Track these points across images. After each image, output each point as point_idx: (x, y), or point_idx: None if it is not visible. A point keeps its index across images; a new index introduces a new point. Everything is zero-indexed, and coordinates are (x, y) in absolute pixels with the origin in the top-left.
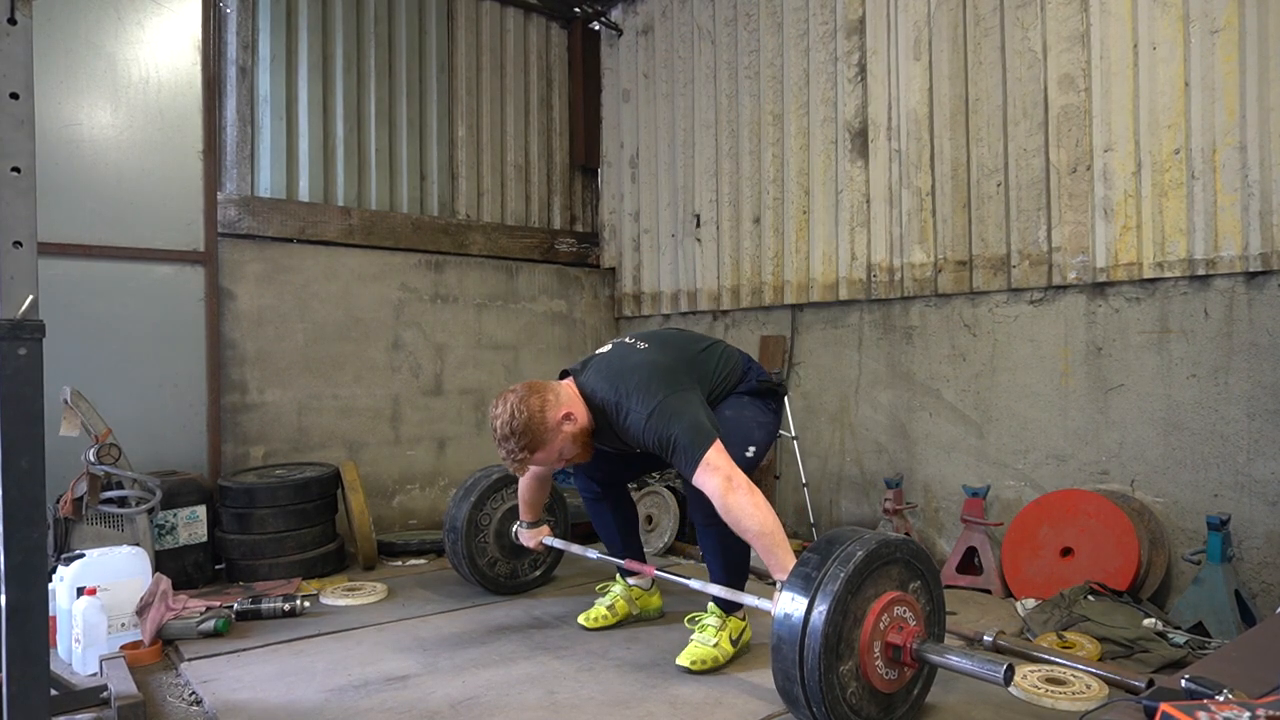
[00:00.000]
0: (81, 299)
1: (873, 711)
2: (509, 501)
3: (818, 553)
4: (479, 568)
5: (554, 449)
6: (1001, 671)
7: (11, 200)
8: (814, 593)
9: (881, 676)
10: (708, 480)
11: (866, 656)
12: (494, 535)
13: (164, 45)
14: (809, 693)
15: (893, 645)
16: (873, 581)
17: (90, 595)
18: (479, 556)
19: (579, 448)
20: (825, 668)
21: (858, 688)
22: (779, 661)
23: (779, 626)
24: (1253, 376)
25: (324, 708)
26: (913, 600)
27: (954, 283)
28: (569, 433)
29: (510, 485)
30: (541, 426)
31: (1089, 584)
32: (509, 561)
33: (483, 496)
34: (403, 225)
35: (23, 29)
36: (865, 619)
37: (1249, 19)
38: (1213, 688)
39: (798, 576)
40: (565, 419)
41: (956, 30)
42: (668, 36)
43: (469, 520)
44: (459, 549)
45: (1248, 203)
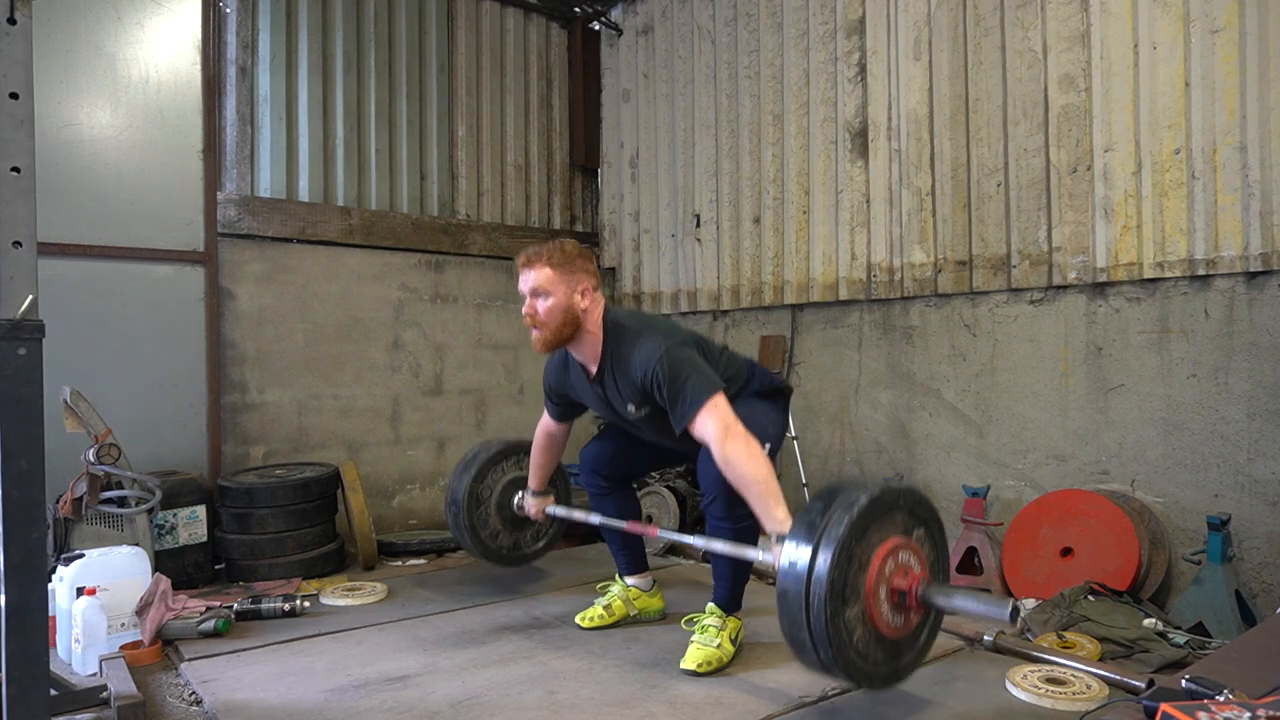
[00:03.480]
0: (81, 299)
1: (879, 657)
2: (509, 474)
3: (821, 500)
4: (481, 540)
5: (561, 290)
6: (1007, 610)
7: (11, 200)
8: (818, 539)
9: (888, 622)
10: (708, 425)
11: (872, 602)
12: (495, 507)
13: (164, 45)
14: (815, 637)
15: (898, 590)
16: (877, 528)
17: (90, 595)
18: (481, 529)
19: (556, 324)
20: (831, 612)
21: (864, 633)
22: (785, 608)
23: (784, 574)
24: (1253, 376)
25: (324, 708)
26: (917, 547)
27: (954, 283)
28: (578, 301)
29: (510, 459)
30: (573, 263)
31: (1089, 584)
32: (511, 534)
33: (483, 469)
34: (403, 225)
35: (23, 29)
36: (870, 564)
37: (1249, 19)
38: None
39: (801, 524)
40: (585, 292)
41: (956, 30)
42: (668, 36)
43: (470, 493)
44: (461, 521)
45: (1248, 203)
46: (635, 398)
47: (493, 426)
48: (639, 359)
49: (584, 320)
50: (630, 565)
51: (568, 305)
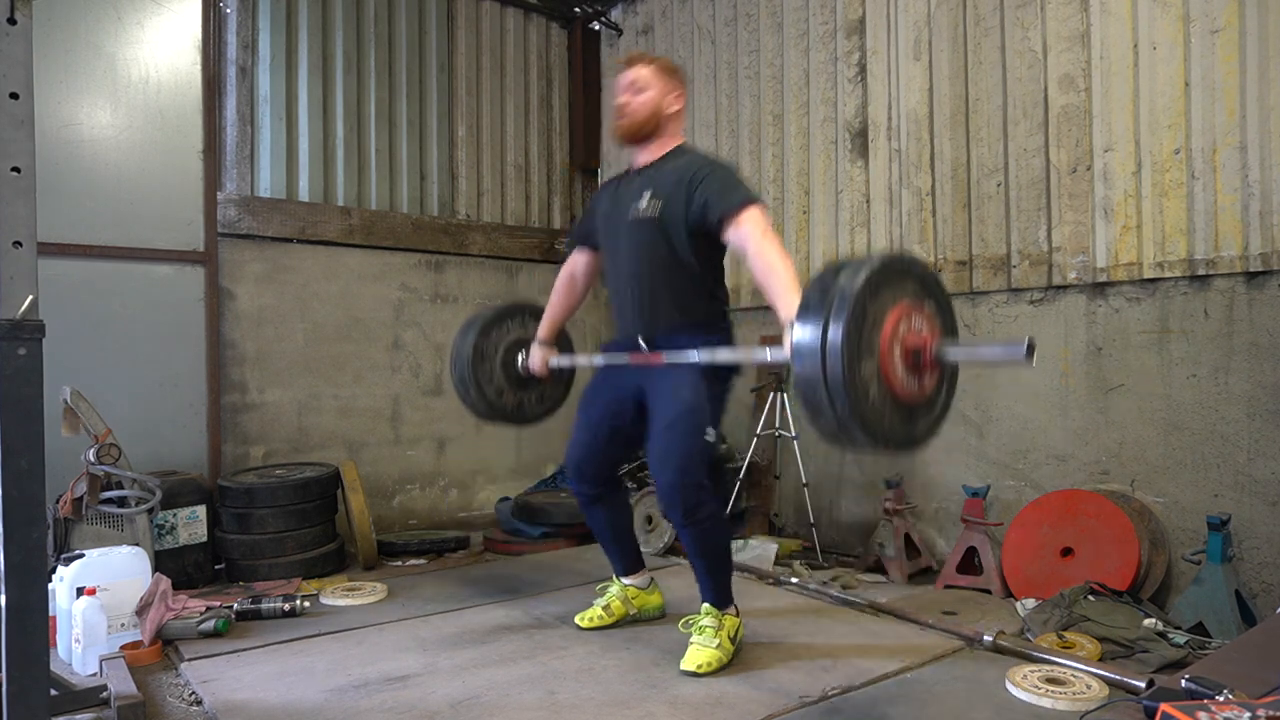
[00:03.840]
0: (81, 299)
1: (895, 420)
2: (514, 333)
3: (832, 268)
4: (486, 396)
5: (658, 88)
6: (1023, 347)
7: (11, 200)
8: (833, 296)
9: (902, 384)
10: (753, 219)
11: (887, 360)
12: (500, 365)
13: (164, 45)
14: (831, 390)
15: (913, 348)
16: (890, 289)
17: (90, 595)
18: (486, 384)
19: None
20: (847, 360)
21: (879, 392)
22: (801, 367)
23: (799, 338)
24: (1253, 376)
25: (324, 708)
26: (930, 315)
27: (954, 283)
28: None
29: (515, 318)
30: (673, 74)
31: (1089, 584)
32: (516, 393)
33: (488, 325)
34: (403, 225)
35: (23, 29)
36: (884, 322)
37: (1249, 19)
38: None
39: (815, 286)
40: (677, 99)
41: (956, 30)
42: (668, 36)
43: (475, 348)
44: (466, 376)
45: (1248, 203)
46: (661, 189)
47: (492, 427)
48: (701, 161)
49: (664, 124)
50: (625, 566)
51: (658, 103)
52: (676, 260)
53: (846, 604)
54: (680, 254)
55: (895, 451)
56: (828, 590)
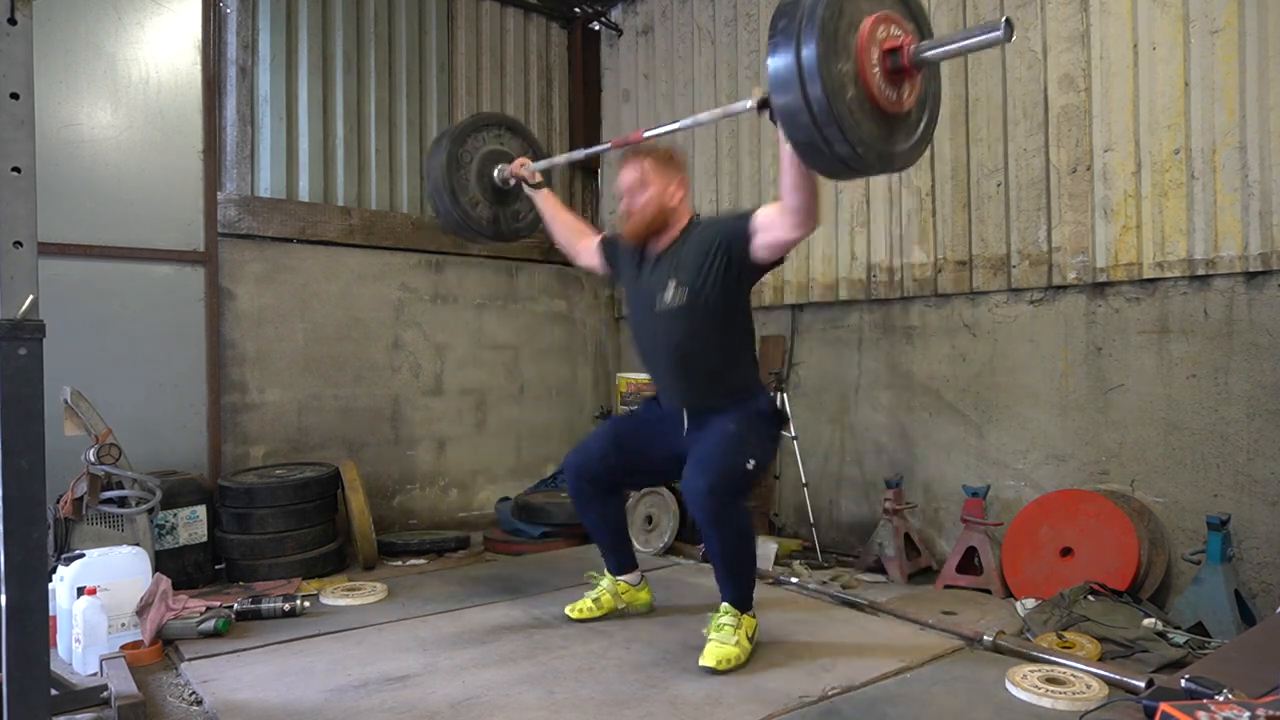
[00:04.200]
0: (82, 299)
1: (873, 129)
2: (489, 144)
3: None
4: (461, 205)
5: (658, 183)
6: (1000, 28)
7: (11, 200)
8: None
9: (881, 90)
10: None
11: (864, 59)
12: (475, 175)
13: (164, 45)
14: (806, 86)
15: (890, 49)
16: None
17: (90, 595)
18: (461, 193)
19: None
20: (822, 53)
21: (856, 95)
22: (775, 78)
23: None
24: (1253, 376)
25: (324, 708)
26: (909, 28)
27: (954, 283)
28: (671, 195)
29: (491, 129)
30: (670, 164)
31: (1089, 584)
32: (491, 207)
33: (463, 133)
34: (403, 225)
35: (23, 29)
36: (860, 24)
37: (1249, 19)
38: (1213, 688)
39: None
40: (679, 189)
41: (956, 30)
42: (668, 36)
43: (449, 155)
44: (441, 183)
45: (1248, 203)
46: (685, 276)
47: (493, 426)
48: (714, 225)
49: (670, 216)
50: (619, 565)
51: (662, 200)
52: (710, 342)
53: (846, 604)
54: (713, 335)
55: (875, 166)
56: (828, 590)
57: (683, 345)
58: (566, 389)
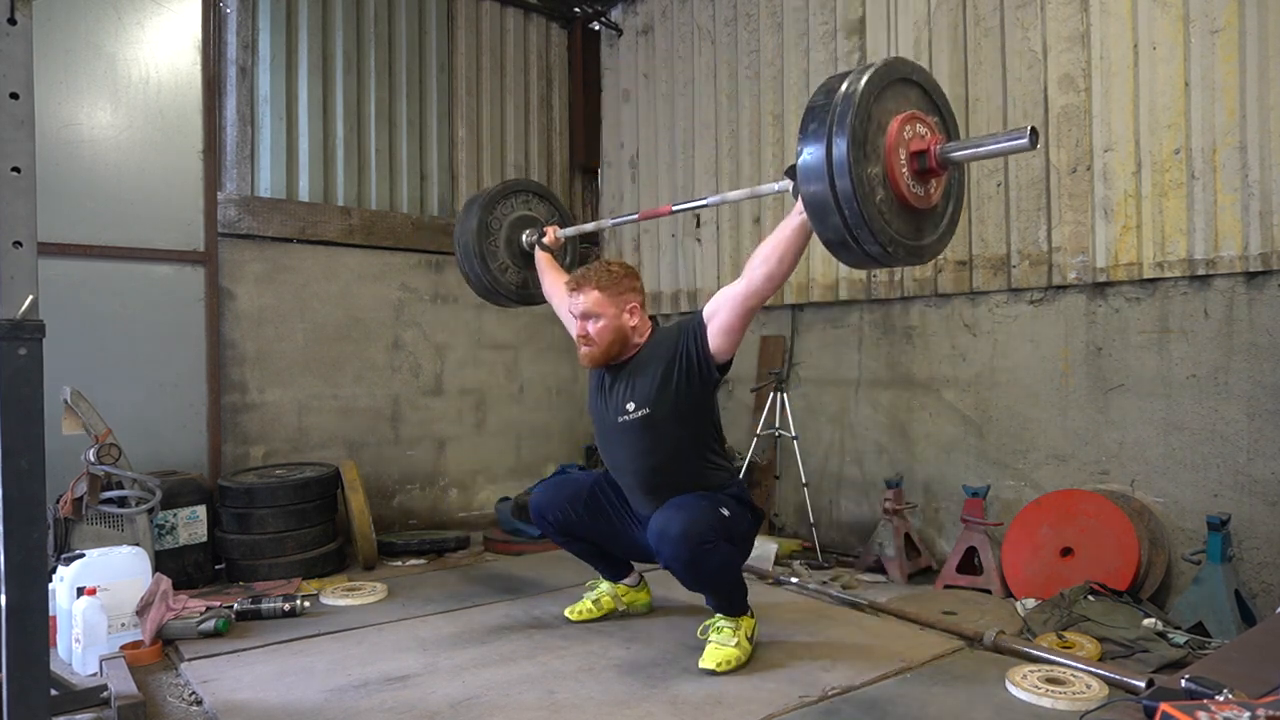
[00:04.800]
0: (81, 299)
1: (902, 227)
2: (518, 210)
3: (834, 76)
4: (491, 271)
5: (610, 311)
6: (1025, 136)
7: (11, 200)
8: (837, 100)
9: (909, 188)
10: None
11: (893, 161)
12: (504, 241)
13: (164, 45)
14: (839, 193)
15: (917, 151)
16: (893, 95)
17: (90, 595)
18: (491, 260)
19: (609, 338)
20: (853, 160)
21: (886, 196)
22: (807, 174)
23: (803, 141)
24: (1253, 376)
25: (324, 708)
26: (934, 124)
27: (954, 283)
28: (627, 320)
29: (519, 195)
30: (621, 285)
31: (1089, 584)
32: (519, 272)
33: (493, 200)
34: (403, 225)
35: (23, 29)
36: (888, 126)
37: (1249, 19)
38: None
39: (819, 93)
40: (634, 311)
41: (956, 30)
42: (668, 36)
43: (480, 223)
44: (471, 249)
45: (1248, 203)
46: (643, 392)
47: (493, 426)
48: (670, 336)
49: (631, 336)
50: (615, 575)
51: (618, 325)
52: (673, 453)
53: (846, 604)
54: (676, 446)
55: (904, 260)
56: (828, 590)
57: (647, 457)
58: (566, 389)
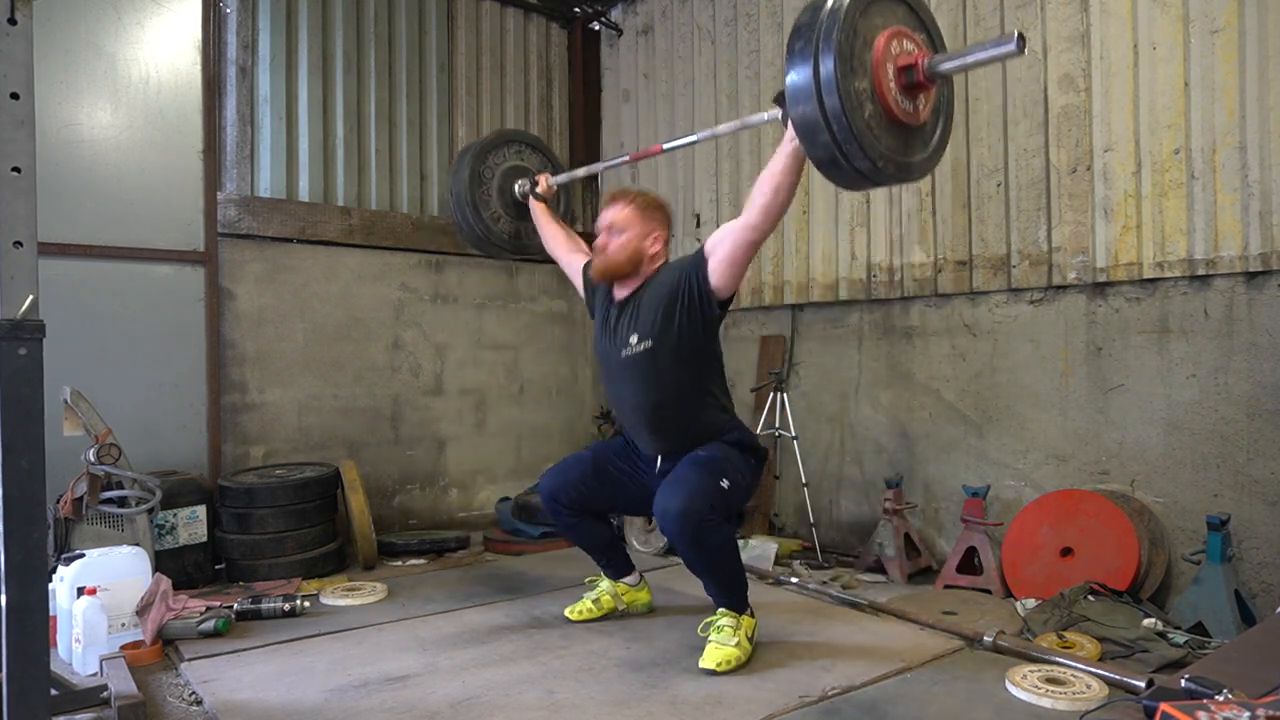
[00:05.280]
0: (81, 299)
1: (891, 143)
2: (510, 160)
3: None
4: (484, 220)
5: (636, 231)
6: (1013, 41)
7: (11, 200)
8: (821, 20)
9: (898, 103)
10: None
11: (880, 75)
12: (496, 190)
13: (164, 45)
14: (826, 108)
15: (905, 66)
16: (879, 11)
17: (90, 595)
18: (483, 208)
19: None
20: (841, 74)
21: (874, 111)
22: (794, 95)
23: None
24: (1253, 376)
25: (324, 708)
26: (920, 41)
27: (954, 283)
28: (648, 246)
29: (511, 145)
30: (654, 212)
31: (1089, 584)
32: (512, 222)
33: (485, 149)
34: (403, 225)
35: (23, 29)
36: (875, 42)
37: (1249, 19)
38: (1213, 687)
39: (804, 12)
40: (657, 240)
41: (956, 30)
42: (668, 36)
43: (472, 171)
44: (463, 196)
45: (1248, 203)
46: (646, 327)
47: (493, 426)
48: (675, 270)
49: (644, 262)
50: (615, 573)
51: (638, 246)
52: (677, 389)
53: (846, 604)
54: (680, 381)
55: (893, 177)
56: (828, 590)
57: (649, 393)
58: (566, 389)
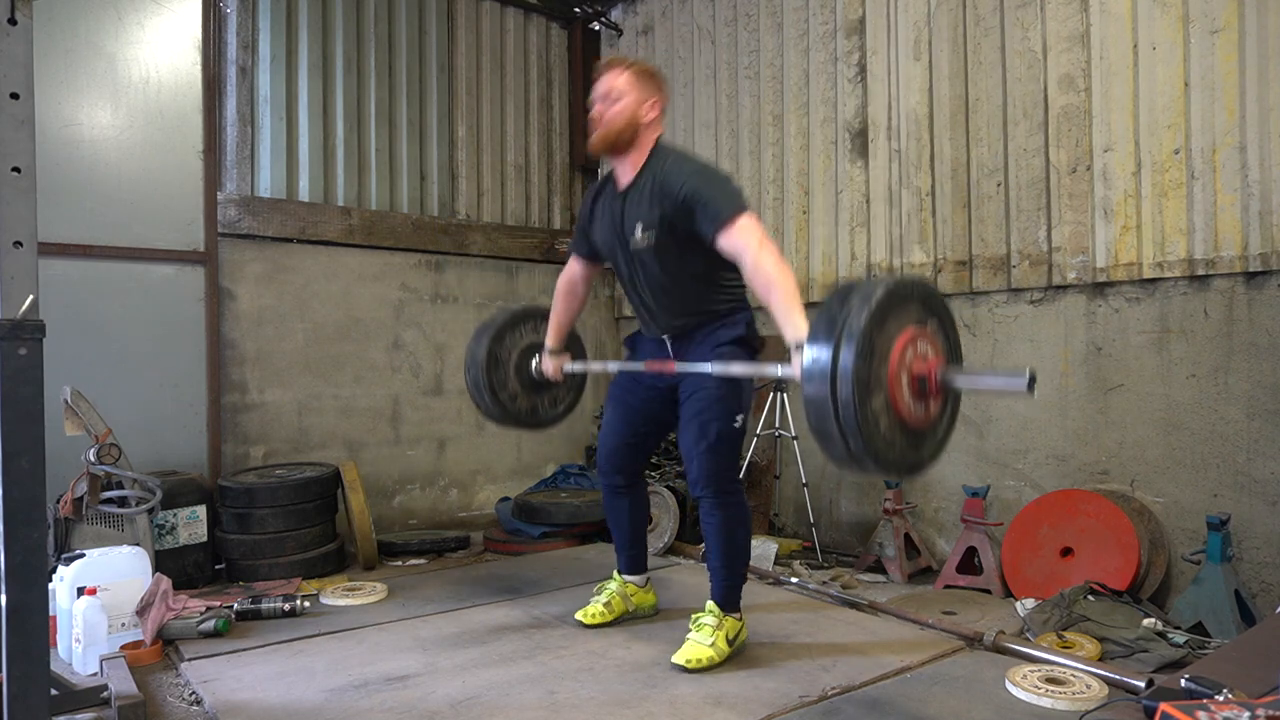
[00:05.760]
0: (81, 299)
1: (904, 444)
2: (527, 338)
3: (838, 297)
4: (500, 401)
5: (633, 96)
6: (1024, 379)
7: (12, 200)
8: (839, 334)
9: (910, 411)
10: (744, 233)
11: (895, 389)
12: (514, 370)
13: (164, 45)
14: (845, 428)
15: (919, 376)
16: (894, 318)
17: (90, 595)
18: (500, 390)
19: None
20: (859, 401)
21: (889, 422)
22: (812, 406)
23: (808, 370)
24: (1253, 376)
25: (324, 708)
26: (932, 336)
27: (954, 283)
28: (644, 113)
29: (528, 323)
30: (650, 80)
31: (1089, 584)
32: (530, 397)
33: (501, 331)
34: (403, 225)
35: (23, 29)
36: (890, 354)
37: (1249, 19)
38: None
39: (821, 322)
40: (654, 106)
41: (956, 30)
42: (668, 36)
43: (489, 353)
44: (480, 381)
45: (1247, 203)
46: (654, 215)
47: (493, 426)
48: (681, 170)
49: (641, 133)
50: (632, 564)
51: (634, 113)
52: (684, 273)
53: (846, 604)
54: (687, 267)
55: (904, 476)
56: (828, 590)
57: (660, 280)
58: None
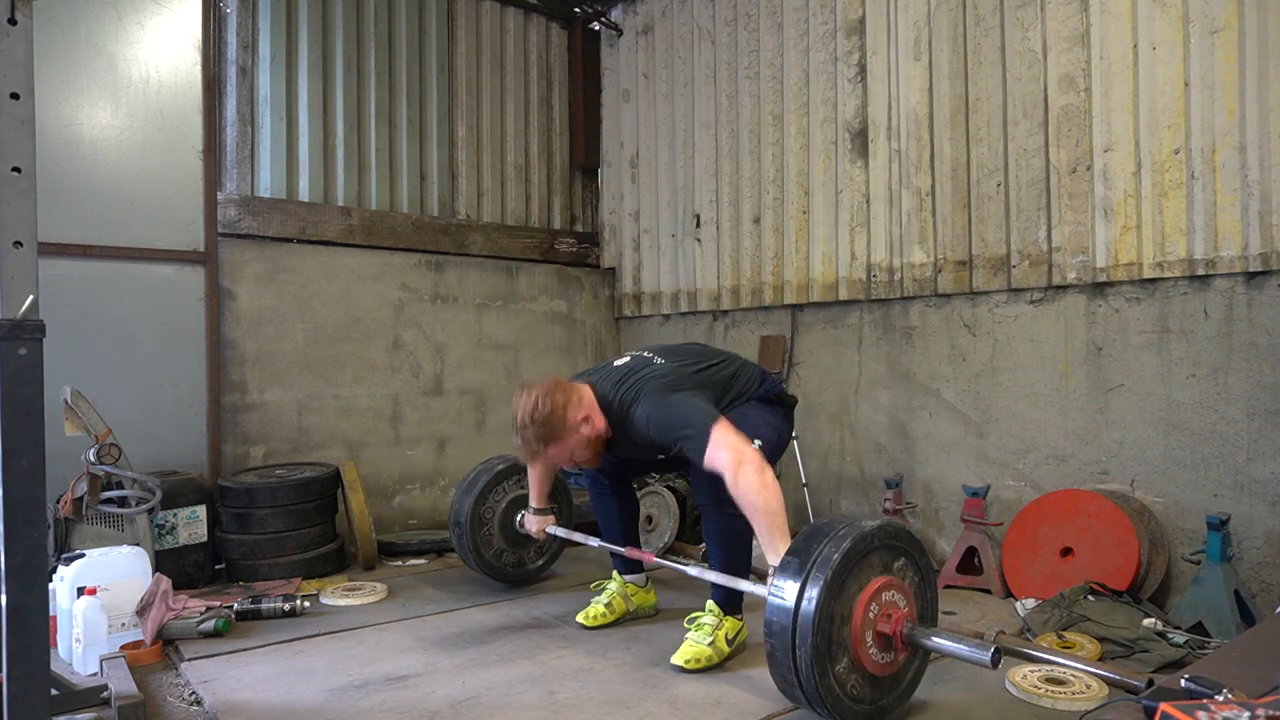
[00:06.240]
0: (81, 299)
1: (874, 694)
2: (511, 493)
3: (797, 556)
4: (485, 560)
5: (567, 446)
6: (989, 654)
7: (12, 200)
8: (798, 603)
9: (876, 662)
10: (718, 457)
11: (859, 648)
12: (499, 527)
13: (164, 45)
14: (808, 695)
15: (883, 634)
16: (855, 577)
17: (90, 595)
18: (485, 549)
19: (590, 452)
20: (820, 673)
21: (856, 680)
22: (776, 668)
23: (769, 633)
24: (1253, 376)
25: (324, 708)
26: (898, 581)
27: (954, 283)
28: (585, 435)
29: (511, 478)
30: (561, 422)
31: (1089, 584)
32: (515, 551)
33: (485, 490)
34: (403, 225)
35: (23, 29)
36: (853, 614)
37: (1249, 19)
38: (1213, 687)
39: (780, 582)
40: (584, 421)
41: (956, 30)
42: (668, 36)
43: (473, 514)
44: (465, 542)
45: (1247, 203)
46: (647, 443)
47: (493, 426)
48: (638, 423)
49: (598, 432)
50: (628, 563)
51: (584, 440)
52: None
53: None
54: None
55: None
56: None
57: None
58: None
